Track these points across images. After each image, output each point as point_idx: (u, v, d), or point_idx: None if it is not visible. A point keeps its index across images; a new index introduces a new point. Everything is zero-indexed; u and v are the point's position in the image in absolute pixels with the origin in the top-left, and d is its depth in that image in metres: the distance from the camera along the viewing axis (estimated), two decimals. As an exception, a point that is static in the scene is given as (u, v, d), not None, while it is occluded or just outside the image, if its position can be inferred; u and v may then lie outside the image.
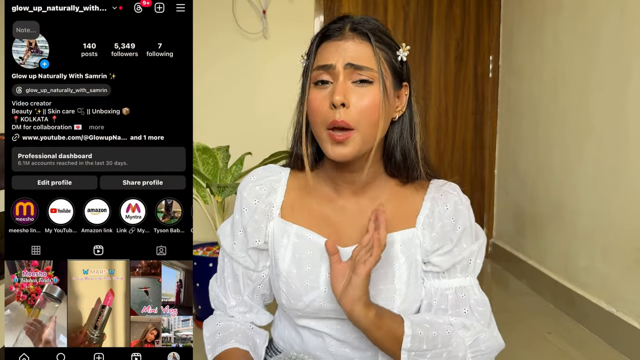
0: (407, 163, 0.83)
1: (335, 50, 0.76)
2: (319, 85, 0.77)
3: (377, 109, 0.75)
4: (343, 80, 0.75)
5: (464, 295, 0.82)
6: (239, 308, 0.89)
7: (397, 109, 0.82)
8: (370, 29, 0.77)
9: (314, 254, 0.82)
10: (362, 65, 0.75)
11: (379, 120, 0.76)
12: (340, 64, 0.75)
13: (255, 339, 0.88)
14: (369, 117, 0.75)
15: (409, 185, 0.86)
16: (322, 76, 0.76)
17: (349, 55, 0.75)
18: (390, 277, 0.80)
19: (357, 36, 0.76)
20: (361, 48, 0.76)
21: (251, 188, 0.86)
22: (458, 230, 0.82)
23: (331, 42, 0.77)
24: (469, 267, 0.83)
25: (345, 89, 0.75)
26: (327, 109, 0.75)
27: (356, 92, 0.75)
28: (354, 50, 0.75)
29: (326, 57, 0.76)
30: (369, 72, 0.75)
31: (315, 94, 0.77)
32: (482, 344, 0.80)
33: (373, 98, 0.75)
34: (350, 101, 0.74)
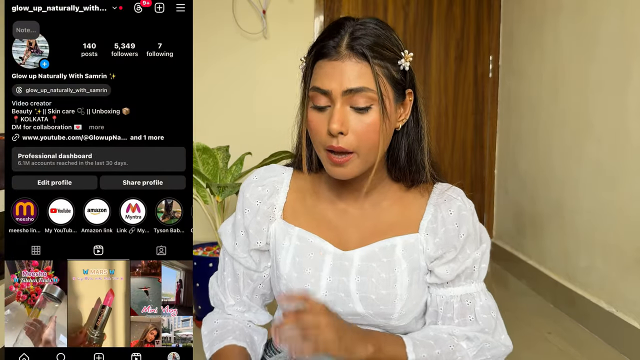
0: (412, 167, 0.82)
1: (332, 72, 0.73)
2: (317, 109, 0.76)
3: (376, 132, 0.74)
4: (341, 107, 0.73)
5: (469, 303, 0.82)
6: (238, 307, 0.89)
7: (399, 119, 0.80)
8: (368, 45, 0.73)
9: (316, 257, 0.82)
10: (360, 87, 0.72)
11: (379, 141, 0.75)
12: (337, 91, 0.73)
13: (253, 336, 0.88)
14: (368, 140, 0.74)
15: (413, 189, 0.85)
16: (320, 101, 0.75)
17: (347, 79, 0.72)
18: (392, 282, 0.80)
19: (354, 55, 0.73)
20: (359, 68, 0.73)
21: (253, 189, 0.86)
22: (462, 237, 0.81)
23: (328, 62, 0.74)
24: (473, 274, 0.82)
25: (343, 117, 0.73)
26: (325, 134, 0.74)
27: (354, 117, 0.73)
28: (351, 71, 0.72)
29: (323, 80, 0.74)
30: (367, 94, 0.73)
31: (314, 116, 0.76)
32: (488, 352, 0.80)
33: (372, 121, 0.73)
34: (349, 127, 0.73)
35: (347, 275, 0.80)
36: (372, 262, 0.80)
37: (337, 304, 0.80)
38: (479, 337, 0.80)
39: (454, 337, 0.79)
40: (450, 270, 0.81)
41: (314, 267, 0.81)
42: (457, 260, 0.81)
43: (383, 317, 0.80)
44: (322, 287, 0.81)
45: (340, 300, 0.80)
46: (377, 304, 0.79)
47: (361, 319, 0.81)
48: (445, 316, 0.82)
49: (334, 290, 0.80)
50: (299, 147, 0.86)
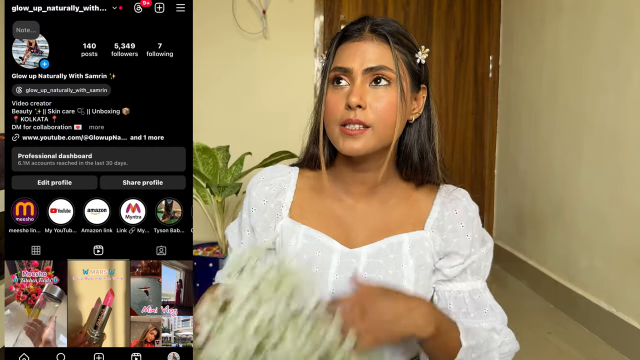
0: (424, 165, 0.83)
1: (354, 52, 0.76)
2: (335, 85, 0.77)
3: (394, 110, 0.75)
4: (361, 84, 0.75)
5: (479, 298, 0.83)
6: None
7: (413, 111, 0.82)
8: (389, 31, 0.77)
9: (323, 255, 0.82)
10: (380, 65, 0.75)
11: (396, 121, 0.76)
12: (358, 68, 0.75)
13: None
14: (385, 118, 0.75)
15: (420, 188, 0.86)
16: (340, 76, 0.77)
17: (367, 58, 0.75)
18: (399, 277, 0.80)
19: (377, 38, 0.76)
20: (380, 49, 0.76)
21: (260, 188, 0.86)
22: (468, 238, 0.82)
23: (350, 43, 0.77)
24: (479, 271, 0.84)
25: (363, 92, 0.75)
26: (343, 109, 0.76)
27: (373, 93, 0.75)
28: (372, 52, 0.75)
29: (345, 59, 0.77)
30: (386, 72, 0.75)
31: (332, 94, 0.77)
32: (506, 347, 0.80)
33: (390, 99, 0.75)
34: (367, 102, 0.75)
35: (354, 272, 0.81)
36: (379, 258, 0.81)
37: None
38: (503, 330, 0.81)
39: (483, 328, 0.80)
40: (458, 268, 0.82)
41: (321, 265, 0.82)
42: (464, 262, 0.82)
43: None
44: (329, 285, 0.81)
45: None
46: None
47: None
48: (459, 312, 0.82)
49: (341, 288, 0.81)
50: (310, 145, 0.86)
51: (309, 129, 0.87)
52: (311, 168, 0.87)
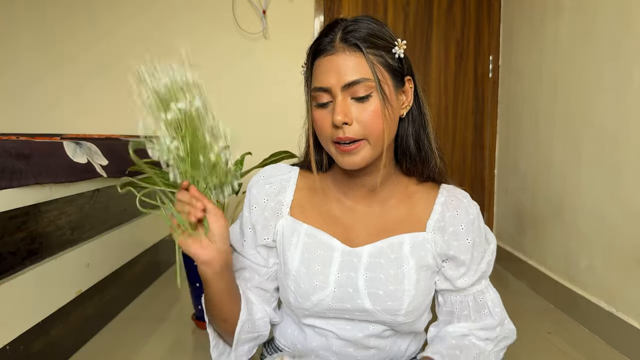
0: (422, 155, 0.84)
1: (329, 69, 0.75)
2: (320, 106, 0.77)
3: (380, 119, 0.75)
4: (342, 100, 0.74)
5: (481, 299, 0.86)
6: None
7: (403, 106, 0.81)
8: (361, 37, 0.75)
9: (324, 254, 0.82)
10: (358, 78, 0.74)
11: (384, 127, 0.76)
12: (336, 85, 0.74)
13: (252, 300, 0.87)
14: (374, 128, 0.75)
15: (421, 186, 0.86)
16: (322, 98, 0.76)
17: (343, 73, 0.74)
18: (400, 278, 0.81)
19: (348, 48, 0.74)
20: (354, 59, 0.74)
21: (261, 186, 0.87)
22: (468, 242, 0.83)
23: (324, 59, 0.76)
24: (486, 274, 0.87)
25: (345, 108, 0.74)
26: (331, 128, 0.76)
27: (356, 106, 0.75)
28: (346, 65, 0.74)
29: (321, 78, 0.76)
30: (366, 83, 0.74)
31: (319, 114, 0.78)
32: (502, 343, 0.86)
33: (374, 109, 0.75)
34: (352, 117, 0.75)
35: (355, 271, 0.81)
36: (381, 258, 0.81)
37: (345, 300, 0.81)
38: (495, 333, 0.85)
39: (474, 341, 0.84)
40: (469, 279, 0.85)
41: (322, 263, 0.82)
42: (471, 270, 0.84)
43: (390, 313, 0.80)
44: (330, 283, 0.81)
45: (348, 296, 0.81)
46: (385, 300, 0.80)
47: (369, 315, 0.81)
48: (462, 314, 0.86)
49: (342, 286, 0.81)
50: (307, 151, 0.87)
51: (303, 135, 0.87)
52: (311, 170, 0.88)
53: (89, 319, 1.70)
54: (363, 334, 0.84)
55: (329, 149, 0.79)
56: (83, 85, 2.79)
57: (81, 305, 1.64)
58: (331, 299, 0.81)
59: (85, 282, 1.64)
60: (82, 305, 1.64)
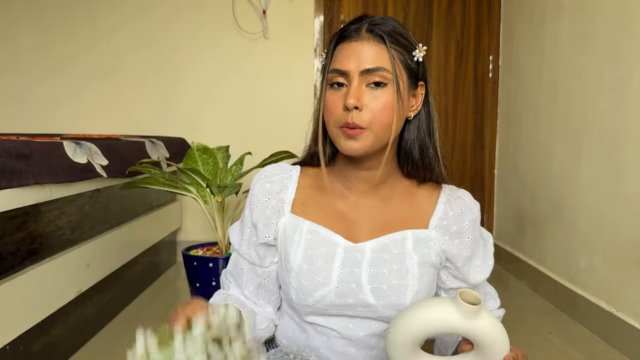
0: (425, 161, 0.85)
1: (351, 53, 0.77)
2: (334, 87, 0.79)
3: (390, 111, 0.76)
4: (357, 85, 0.76)
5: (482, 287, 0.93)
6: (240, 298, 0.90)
7: (412, 108, 0.83)
8: (386, 30, 0.77)
9: (327, 250, 0.83)
10: (377, 66, 0.76)
11: (392, 121, 0.77)
12: (355, 71, 0.76)
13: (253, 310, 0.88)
14: (382, 118, 0.76)
15: (422, 187, 0.87)
16: (337, 79, 0.78)
17: (364, 60, 0.76)
18: (404, 273, 0.81)
19: (373, 38, 0.77)
20: (376, 50, 0.77)
21: (262, 185, 0.87)
22: (469, 241, 0.85)
23: (347, 44, 0.78)
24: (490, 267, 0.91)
25: (359, 93, 0.76)
26: (341, 110, 0.77)
27: (370, 94, 0.76)
28: (368, 53, 0.76)
29: (342, 60, 0.77)
30: (383, 73, 0.76)
31: (331, 95, 0.79)
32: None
33: (386, 100, 0.76)
34: (364, 103, 0.76)
35: (359, 266, 0.82)
36: (384, 253, 0.82)
37: (348, 296, 0.81)
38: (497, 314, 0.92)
39: None
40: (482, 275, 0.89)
41: (325, 259, 0.82)
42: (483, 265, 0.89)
43: (393, 309, 0.81)
44: (333, 279, 0.81)
45: (351, 291, 0.81)
46: (389, 295, 0.80)
47: (371, 311, 0.82)
48: None
49: (345, 281, 0.81)
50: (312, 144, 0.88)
51: (311, 127, 0.88)
52: (313, 166, 0.88)
53: (89, 319, 1.70)
54: (365, 332, 0.84)
55: (333, 132, 0.80)
56: (83, 87, 2.79)
57: (81, 305, 1.64)
58: (334, 295, 0.81)
59: (85, 282, 1.64)
60: (82, 305, 1.64)
